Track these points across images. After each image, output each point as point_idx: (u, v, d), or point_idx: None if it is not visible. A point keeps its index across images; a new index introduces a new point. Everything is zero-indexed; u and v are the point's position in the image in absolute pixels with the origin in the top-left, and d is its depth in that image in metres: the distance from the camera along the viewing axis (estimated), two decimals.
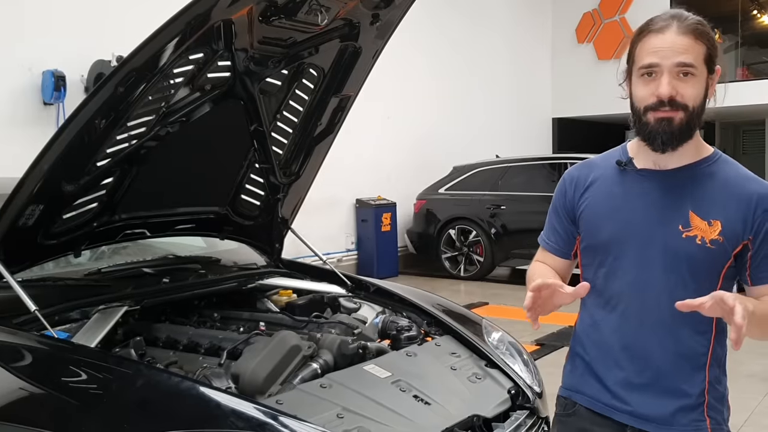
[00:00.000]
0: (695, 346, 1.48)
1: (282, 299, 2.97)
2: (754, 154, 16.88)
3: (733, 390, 1.63)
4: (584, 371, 1.58)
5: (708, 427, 1.49)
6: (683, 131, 1.43)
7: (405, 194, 9.21)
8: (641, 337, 1.49)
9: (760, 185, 1.47)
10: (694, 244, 1.43)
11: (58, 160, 2.09)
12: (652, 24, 1.44)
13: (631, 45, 1.47)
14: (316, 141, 2.83)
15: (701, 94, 1.43)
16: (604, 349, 1.54)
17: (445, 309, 2.83)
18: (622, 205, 1.50)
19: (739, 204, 1.44)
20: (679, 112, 1.41)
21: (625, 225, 1.49)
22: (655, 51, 1.41)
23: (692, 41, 1.40)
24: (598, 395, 1.54)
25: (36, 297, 2.18)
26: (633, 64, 1.46)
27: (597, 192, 1.55)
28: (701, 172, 1.48)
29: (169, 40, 2.01)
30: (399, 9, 2.44)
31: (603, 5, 13.01)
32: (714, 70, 1.45)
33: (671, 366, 1.48)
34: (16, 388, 1.95)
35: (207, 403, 1.85)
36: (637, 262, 1.48)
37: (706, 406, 1.49)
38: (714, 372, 1.50)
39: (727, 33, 13.90)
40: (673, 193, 1.47)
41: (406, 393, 2.12)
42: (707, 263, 1.44)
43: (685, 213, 1.45)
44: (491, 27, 11.39)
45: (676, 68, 1.40)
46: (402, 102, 9.49)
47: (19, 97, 5.67)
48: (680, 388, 1.48)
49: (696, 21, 1.43)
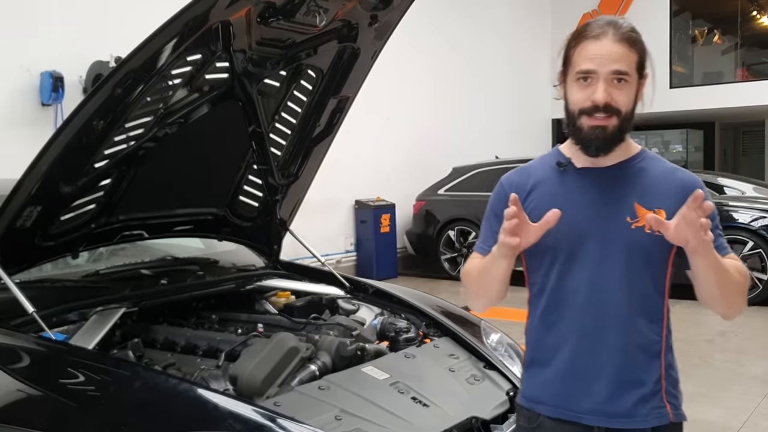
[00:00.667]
0: (650, 334, 1.52)
1: (280, 301, 2.97)
2: (754, 154, 16.88)
3: (734, 392, 1.64)
4: (543, 379, 1.57)
5: (669, 412, 1.53)
6: (615, 136, 1.50)
7: (404, 195, 9.21)
8: (599, 333, 1.50)
9: (687, 174, 1.58)
10: (643, 233, 1.48)
11: (57, 161, 2.09)
12: (589, 30, 1.49)
13: (566, 48, 1.51)
14: (314, 142, 2.83)
15: (633, 100, 1.51)
16: (563, 351, 1.54)
17: (444, 311, 2.83)
18: (568, 204, 1.51)
19: (676, 192, 1.51)
20: (613, 118, 1.48)
21: (574, 223, 1.51)
22: (591, 58, 1.46)
23: (627, 49, 1.47)
24: (561, 402, 1.54)
25: (33, 298, 2.18)
26: (569, 67, 1.51)
27: (541, 195, 1.57)
28: (636, 166, 1.56)
29: (168, 41, 2.01)
30: (397, 10, 2.44)
31: (602, 6, 13.01)
32: (644, 75, 1.53)
33: (629, 358, 1.51)
34: (13, 389, 1.95)
35: (205, 405, 1.85)
36: (592, 259, 1.51)
37: (664, 392, 1.53)
38: (668, 358, 1.55)
39: (727, 34, 13.92)
40: (615, 188, 1.53)
41: (404, 395, 2.12)
42: (658, 251, 1.50)
43: (630, 205, 1.50)
44: (491, 27, 11.39)
45: (612, 75, 1.46)
46: (401, 103, 9.49)
47: (17, 98, 5.67)
48: (639, 378, 1.51)
49: (630, 29, 1.50)
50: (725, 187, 9.57)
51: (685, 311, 6.94)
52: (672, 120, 13.82)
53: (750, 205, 7.51)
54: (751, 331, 6.22)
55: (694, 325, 6.37)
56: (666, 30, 12.63)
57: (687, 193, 1.41)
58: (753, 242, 6.98)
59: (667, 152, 14.19)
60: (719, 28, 14.04)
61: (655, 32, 12.63)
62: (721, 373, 4.96)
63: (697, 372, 4.96)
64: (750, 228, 7.06)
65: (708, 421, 4.03)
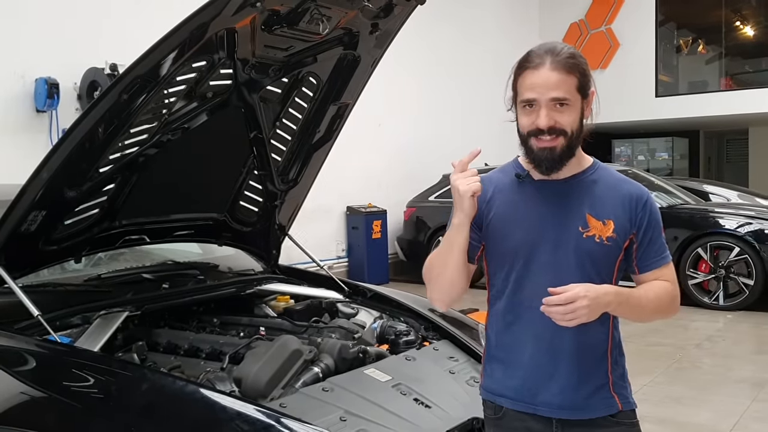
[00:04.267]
0: (599, 335, 1.65)
1: (280, 305, 2.99)
2: (737, 162, 17.11)
3: (722, 395, 1.71)
4: (503, 374, 1.70)
5: (618, 402, 1.67)
6: (564, 155, 1.61)
7: (395, 202, 9.25)
8: (553, 335, 1.61)
9: (633, 186, 1.69)
10: (593, 242, 1.61)
11: (62, 165, 2.10)
12: (529, 61, 1.59)
13: (513, 77, 1.63)
14: (314, 148, 2.86)
15: (577, 119, 1.61)
16: (521, 351, 1.67)
17: (441, 314, 2.87)
18: (527, 212, 1.66)
19: (623, 204, 1.64)
20: (559, 138, 1.59)
21: (532, 231, 1.64)
22: (532, 87, 1.57)
23: (564, 75, 1.56)
24: (521, 396, 1.67)
25: (37, 302, 2.19)
26: (516, 95, 1.63)
27: (501, 202, 1.69)
28: (589, 179, 1.68)
29: (174, 48, 2.04)
30: (398, 19, 2.48)
31: (589, 16, 13.18)
32: (588, 94, 1.62)
33: (581, 357, 1.64)
34: (19, 392, 1.96)
35: (212, 406, 1.87)
36: (547, 265, 1.63)
37: (611, 385, 1.67)
38: (614, 354, 1.68)
39: (711, 44, 14.12)
40: (569, 199, 1.65)
41: (406, 396, 2.15)
42: (606, 258, 1.63)
43: (583, 215, 1.63)
44: (479, 37, 11.49)
45: (551, 101, 1.57)
46: (392, 110, 9.54)
47: (12, 105, 5.65)
48: (589, 374, 1.65)
49: (568, 55, 1.58)
50: (711, 194, 9.71)
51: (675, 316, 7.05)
52: (658, 128, 14.01)
53: (736, 212, 7.62)
54: (738, 335, 6.32)
55: (682, 329, 6.46)
56: (651, 40, 12.81)
57: (633, 205, 1.63)
58: (739, 248, 7.09)
59: (653, 160, 14.35)
60: (703, 38, 14.25)
61: (640, 42, 12.82)
62: (710, 376, 5.03)
63: (686, 376, 5.03)
64: (736, 234, 7.16)
65: (697, 424, 4.10)
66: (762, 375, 4.99)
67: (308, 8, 2.19)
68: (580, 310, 1.48)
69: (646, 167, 13.01)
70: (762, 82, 13.09)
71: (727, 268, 7.18)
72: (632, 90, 12.66)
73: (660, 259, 1.67)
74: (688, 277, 7.32)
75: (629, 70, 12.75)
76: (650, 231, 1.65)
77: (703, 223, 7.48)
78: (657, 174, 10.99)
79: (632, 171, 9.06)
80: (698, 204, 8.38)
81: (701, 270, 7.32)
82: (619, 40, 12.93)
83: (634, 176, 8.53)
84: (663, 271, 1.68)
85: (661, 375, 4.97)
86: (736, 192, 10.04)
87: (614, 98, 12.75)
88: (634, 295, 1.62)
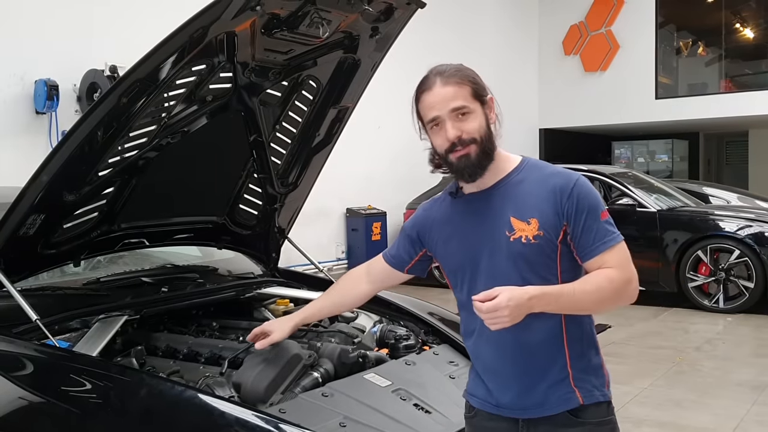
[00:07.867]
0: (545, 331, 1.66)
1: (279, 308, 2.98)
2: (737, 164, 17.12)
3: (723, 398, 1.69)
4: (475, 376, 1.80)
5: (579, 396, 1.66)
6: (482, 159, 1.67)
7: (395, 204, 9.25)
8: (502, 338, 1.65)
9: (560, 177, 1.68)
10: (521, 244, 1.65)
11: (61, 169, 2.10)
12: (423, 85, 1.70)
13: (415, 107, 1.72)
14: (314, 151, 2.86)
15: (483, 124, 1.67)
16: (481, 356, 1.75)
17: (441, 318, 2.86)
18: (461, 227, 1.74)
19: (548, 198, 1.65)
20: (472, 145, 1.65)
21: (468, 244, 1.72)
22: (432, 106, 1.66)
23: (456, 87, 1.65)
24: (486, 397, 1.75)
25: (35, 306, 2.19)
26: (422, 120, 1.72)
27: (440, 226, 1.80)
28: (513, 181, 1.71)
29: (174, 51, 2.03)
30: (398, 22, 2.48)
31: (589, 18, 13.19)
32: (485, 100, 1.69)
33: (533, 356, 1.67)
34: (18, 397, 1.95)
35: (211, 412, 1.86)
36: (488, 273, 1.68)
37: (571, 379, 1.67)
38: (576, 348, 1.68)
39: (711, 46, 14.15)
40: (495, 206, 1.70)
41: (406, 401, 2.14)
42: (540, 257, 1.65)
43: (507, 219, 1.67)
44: (478, 39, 11.50)
45: (452, 113, 1.64)
46: (392, 111, 9.53)
47: (11, 106, 5.65)
48: (544, 370, 1.67)
49: (454, 70, 1.68)
50: (710, 197, 9.71)
51: (674, 319, 7.05)
52: (657, 130, 14.02)
53: (736, 214, 7.62)
54: (739, 338, 6.31)
55: (682, 332, 6.46)
56: (651, 42, 12.83)
57: (558, 196, 1.64)
58: (739, 251, 7.09)
59: (653, 162, 14.36)
60: (703, 40, 14.27)
61: (640, 44, 12.84)
62: (710, 379, 5.03)
63: (687, 379, 5.03)
64: (736, 237, 7.16)
65: (698, 427, 4.09)
66: (762, 378, 4.99)
67: (308, 12, 2.18)
68: (500, 318, 1.53)
69: (645, 169, 13.01)
70: (762, 84, 13.11)
71: (727, 270, 7.18)
72: (632, 92, 12.68)
73: (600, 245, 1.62)
74: (688, 280, 7.32)
75: (629, 72, 12.77)
76: (581, 218, 1.62)
77: (703, 225, 7.48)
78: (657, 176, 10.98)
79: (632, 173, 9.06)
80: (698, 206, 8.38)
81: (701, 273, 7.32)
82: (619, 42, 12.95)
83: (634, 178, 8.57)
84: (606, 257, 1.62)
85: (661, 378, 4.96)
86: (736, 194, 10.04)
87: (614, 100, 12.80)
88: (566, 292, 1.60)
